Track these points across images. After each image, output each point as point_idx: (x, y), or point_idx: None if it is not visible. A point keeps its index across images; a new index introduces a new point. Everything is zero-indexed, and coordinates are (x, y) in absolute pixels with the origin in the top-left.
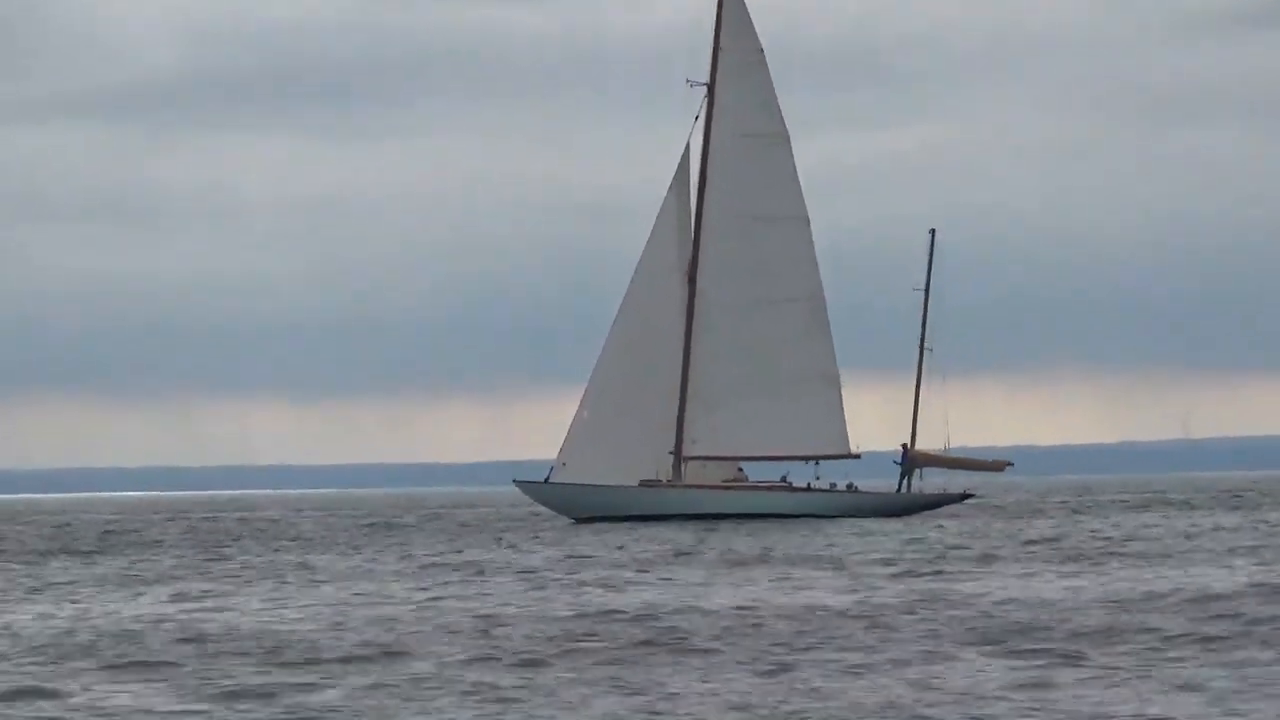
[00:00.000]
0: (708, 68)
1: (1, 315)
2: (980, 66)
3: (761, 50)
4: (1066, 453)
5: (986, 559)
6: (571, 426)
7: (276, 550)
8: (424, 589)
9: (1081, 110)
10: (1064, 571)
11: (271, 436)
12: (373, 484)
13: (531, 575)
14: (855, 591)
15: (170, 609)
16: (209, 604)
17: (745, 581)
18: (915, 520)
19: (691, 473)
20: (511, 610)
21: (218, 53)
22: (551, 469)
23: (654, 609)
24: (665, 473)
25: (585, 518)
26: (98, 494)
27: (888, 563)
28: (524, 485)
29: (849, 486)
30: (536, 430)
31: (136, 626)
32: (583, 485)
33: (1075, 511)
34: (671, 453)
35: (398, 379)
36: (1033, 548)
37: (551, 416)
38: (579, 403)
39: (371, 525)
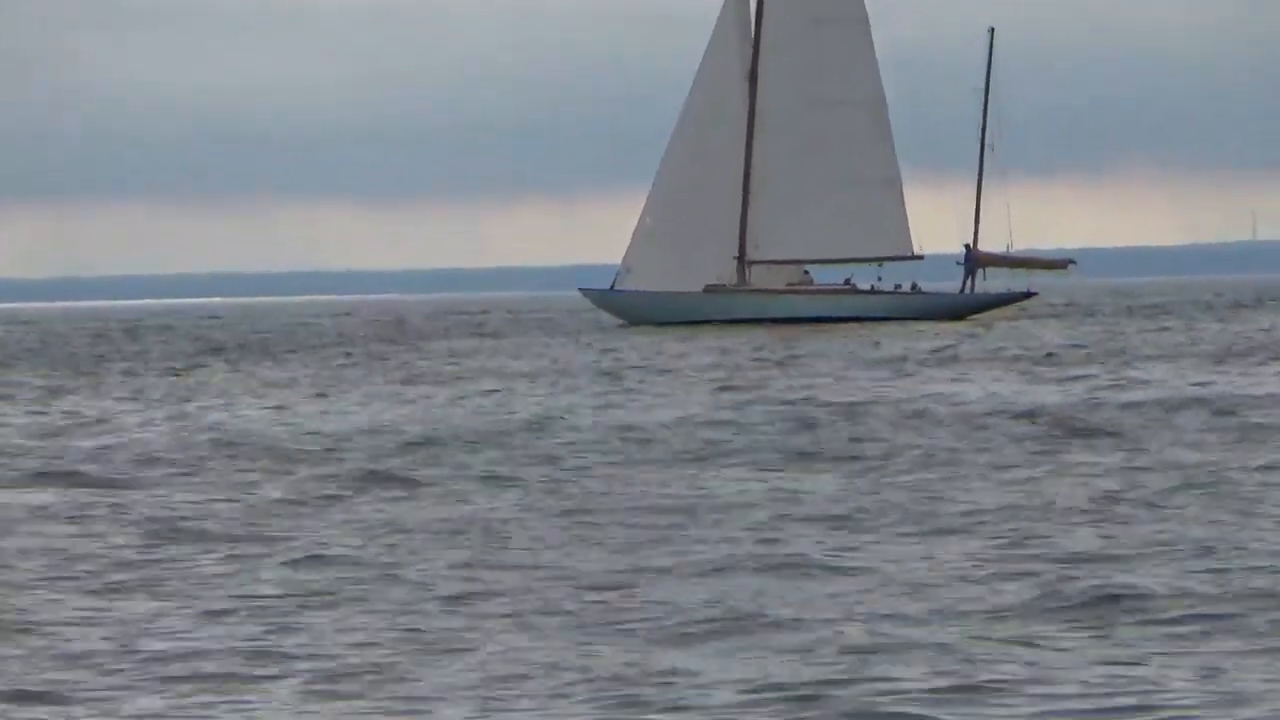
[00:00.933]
0: None
1: (70, 122)
2: None
3: None
4: (1133, 254)
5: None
6: (635, 233)
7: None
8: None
9: None
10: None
11: (341, 241)
12: (442, 288)
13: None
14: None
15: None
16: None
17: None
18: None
19: (757, 277)
20: None
21: None
22: (617, 275)
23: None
24: (730, 277)
25: (652, 322)
26: (162, 300)
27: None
28: (588, 293)
29: (913, 288)
30: (607, 233)
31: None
32: (647, 292)
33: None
34: (736, 257)
35: (469, 183)
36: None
37: (621, 220)
38: (642, 208)
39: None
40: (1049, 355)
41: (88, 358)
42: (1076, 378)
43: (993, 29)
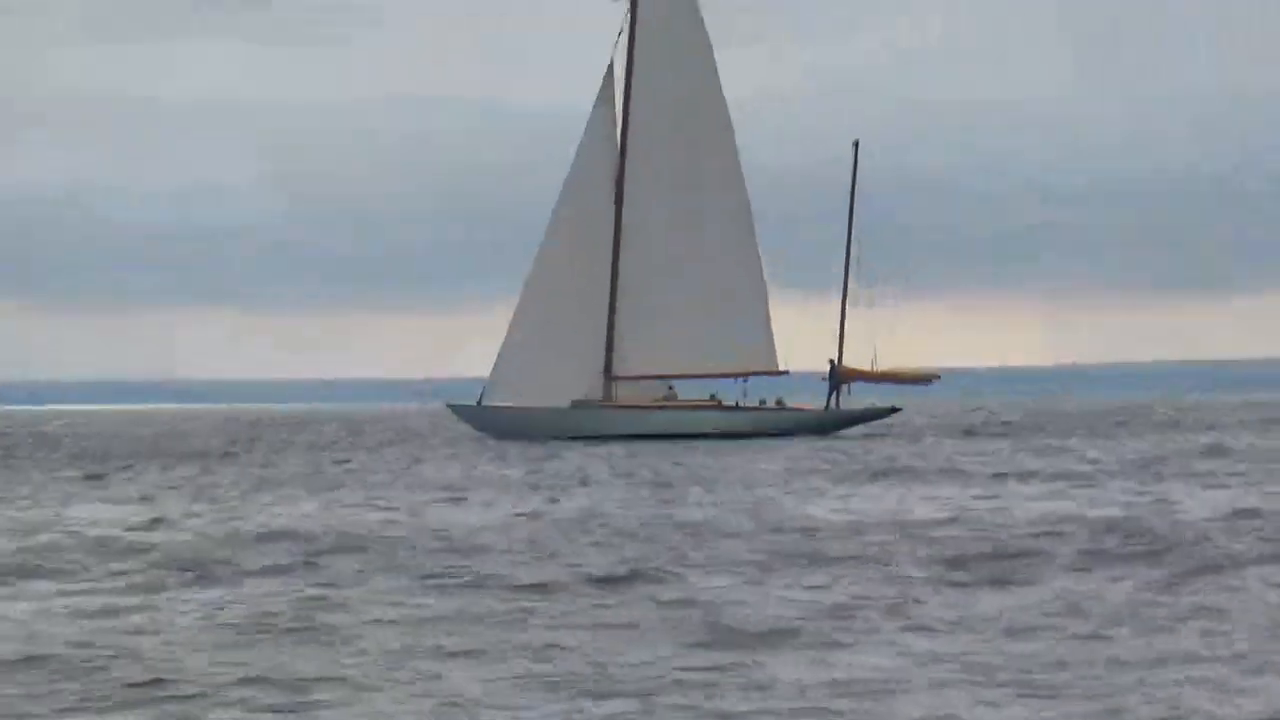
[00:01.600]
0: None
1: None
2: None
3: None
4: (1002, 373)
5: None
6: (502, 347)
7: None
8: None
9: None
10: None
11: (206, 348)
12: (310, 399)
13: None
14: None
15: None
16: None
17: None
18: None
19: (623, 392)
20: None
21: None
22: (484, 390)
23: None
24: (596, 393)
25: (519, 439)
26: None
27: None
28: (456, 408)
29: (778, 403)
30: (475, 346)
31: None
32: (514, 408)
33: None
34: (601, 372)
35: (336, 293)
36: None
37: (488, 333)
38: (509, 323)
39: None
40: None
41: None
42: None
43: (857, 141)
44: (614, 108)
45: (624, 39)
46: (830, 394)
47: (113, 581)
